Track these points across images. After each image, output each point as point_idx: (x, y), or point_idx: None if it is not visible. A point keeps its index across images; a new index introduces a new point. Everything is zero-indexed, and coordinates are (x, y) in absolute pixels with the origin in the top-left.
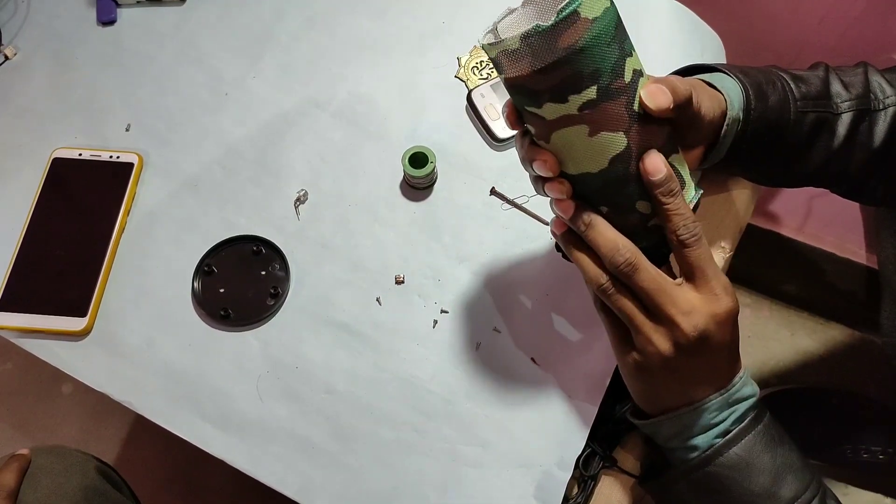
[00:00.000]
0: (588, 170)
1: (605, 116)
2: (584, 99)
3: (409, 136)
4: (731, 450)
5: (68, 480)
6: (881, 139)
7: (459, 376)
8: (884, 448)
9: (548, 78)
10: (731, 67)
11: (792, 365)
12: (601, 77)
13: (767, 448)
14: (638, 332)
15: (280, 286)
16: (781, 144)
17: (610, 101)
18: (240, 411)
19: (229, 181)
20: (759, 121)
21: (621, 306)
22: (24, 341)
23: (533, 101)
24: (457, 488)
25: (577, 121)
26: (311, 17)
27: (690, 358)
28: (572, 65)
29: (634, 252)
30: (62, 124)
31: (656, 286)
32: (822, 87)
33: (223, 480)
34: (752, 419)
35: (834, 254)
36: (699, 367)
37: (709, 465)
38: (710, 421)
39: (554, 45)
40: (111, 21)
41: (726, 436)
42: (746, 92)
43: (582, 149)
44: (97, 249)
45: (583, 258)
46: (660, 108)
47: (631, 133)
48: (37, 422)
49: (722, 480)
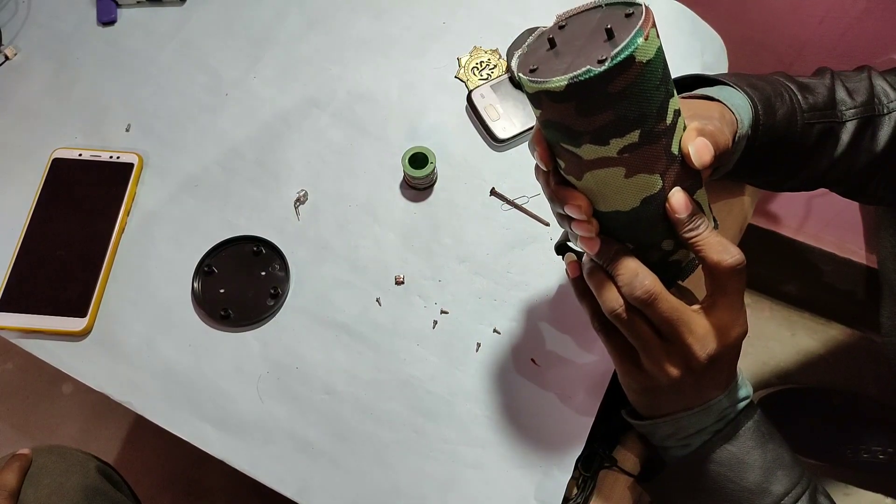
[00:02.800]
0: (618, 209)
1: (644, 160)
2: (626, 143)
3: (409, 136)
4: (724, 447)
5: (69, 480)
6: (884, 142)
7: (459, 377)
8: (884, 448)
9: (590, 122)
10: (738, 81)
11: (792, 365)
12: (646, 122)
13: (759, 444)
14: (649, 356)
15: (280, 287)
16: (787, 154)
17: (651, 145)
18: (239, 412)
19: (229, 181)
20: (767, 134)
21: (637, 331)
22: (24, 341)
23: (571, 140)
24: (456, 489)
25: (614, 163)
26: (311, 17)
27: (696, 377)
28: (618, 110)
29: (654, 280)
30: (62, 124)
31: (677, 316)
32: (829, 95)
33: (223, 480)
34: (744, 416)
35: (834, 254)
36: (702, 384)
37: (702, 462)
38: (705, 422)
39: (603, 90)
40: (111, 21)
41: (719, 433)
42: (756, 108)
43: (616, 189)
44: (97, 250)
45: (601, 284)
46: (704, 164)
47: (667, 175)
48: (37, 422)
49: (715, 477)
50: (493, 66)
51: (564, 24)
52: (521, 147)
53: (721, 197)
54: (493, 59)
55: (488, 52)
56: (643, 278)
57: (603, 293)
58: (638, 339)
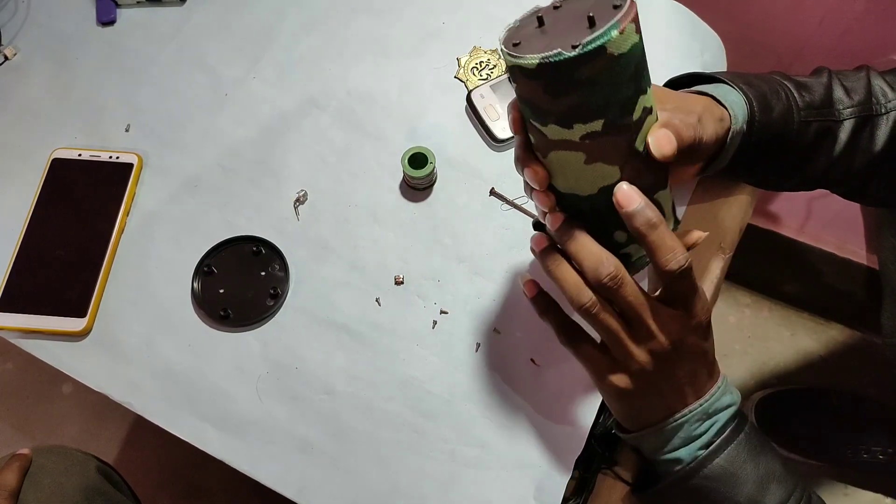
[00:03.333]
0: (577, 192)
1: (604, 149)
2: (588, 129)
3: (408, 136)
4: (715, 461)
5: (69, 480)
6: (883, 143)
7: (459, 377)
8: (884, 448)
9: (557, 103)
10: (734, 78)
11: (792, 365)
12: (610, 112)
13: (750, 457)
14: (620, 347)
15: (280, 287)
16: (784, 153)
17: (613, 136)
18: (239, 412)
19: (229, 182)
20: (762, 132)
21: (607, 323)
22: (23, 342)
23: (538, 117)
24: (456, 489)
25: (576, 147)
26: (311, 17)
27: (669, 368)
28: (584, 96)
29: (618, 266)
30: (62, 124)
31: (640, 301)
32: (826, 94)
33: (223, 481)
34: (734, 429)
35: (834, 254)
36: (677, 377)
37: (693, 477)
38: (692, 433)
39: (571, 75)
40: (111, 21)
41: (709, 447)
42: (751, 104)
43: (575, 172)
44: (97, 250)
45: (565, 273)
46: (664, 156)
47: (626, 168)
48: (37, 422)
49: (707, 492)
50: (493, 66)
51: (559, 6)
52: None
53: (721, 197)
54: (493, 60)
55: (488, 52)
56: (608, 264)
57: (569, 284)
58: (606, 330)
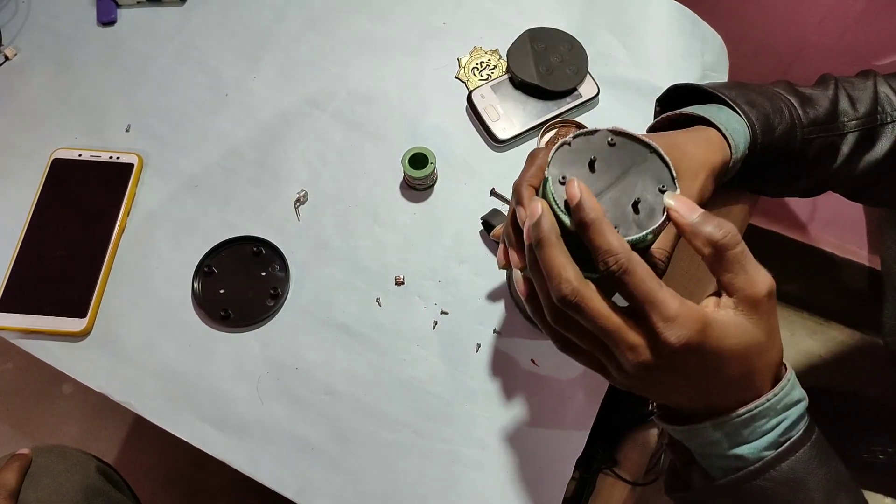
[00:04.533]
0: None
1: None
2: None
3: (409, 136)
4: (785, 463)
5: (69, 480)
6: (885, 151)
7: (459, 377)
8: (884, 448)
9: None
10: (737, 97)
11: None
12: None
13: (822, 463)
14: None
15: (280, 287)
16: (785, 166)
17: None
18: (239, 412)
19: (229, 182)
20: (764, 152)
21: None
22: (23, 342)
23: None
24: (456, 490)
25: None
26: (311, 17)
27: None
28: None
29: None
30: (62, 125)
31: (647, 288)
32: (831, 108)
33: (223, 481)
34: (806, 429)
35: (834, 254)
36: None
37: (757, 478)
38: (760, 429)
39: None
40: (111, 21)
41: (779, 448)
42: (753, 128)
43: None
44: (97, 250)
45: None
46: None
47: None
48: (37, 422)
49: (771, 496)
50: (493, 66)
51: (614, 143)
52: (521, 147)
53: (721, 197)
54: (494, 60)
55: (488, 52)
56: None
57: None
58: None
